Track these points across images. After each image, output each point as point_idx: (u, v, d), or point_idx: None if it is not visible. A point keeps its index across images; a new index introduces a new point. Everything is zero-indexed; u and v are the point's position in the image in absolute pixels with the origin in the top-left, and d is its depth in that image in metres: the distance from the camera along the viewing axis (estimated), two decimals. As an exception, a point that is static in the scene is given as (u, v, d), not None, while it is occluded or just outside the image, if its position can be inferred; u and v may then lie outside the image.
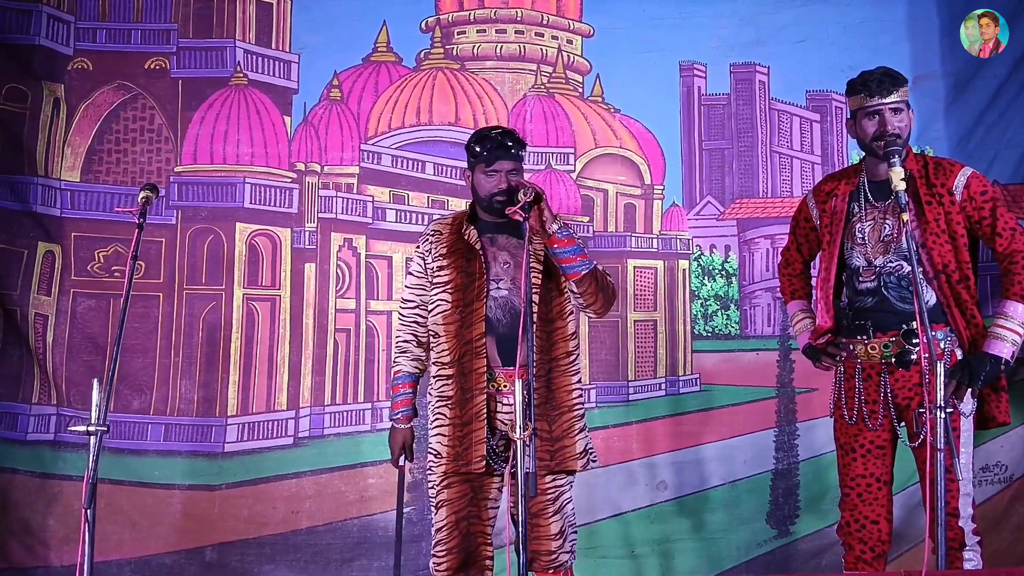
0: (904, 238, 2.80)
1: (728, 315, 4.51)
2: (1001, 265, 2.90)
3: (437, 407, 2.94)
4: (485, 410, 2.87)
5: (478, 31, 4.69)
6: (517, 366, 2.56)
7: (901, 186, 2.80)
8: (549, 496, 2.89)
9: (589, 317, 3.16)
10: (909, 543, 4.23)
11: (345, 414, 4.45)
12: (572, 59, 4.68)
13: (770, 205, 4.58)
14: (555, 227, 2.86)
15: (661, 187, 4.63)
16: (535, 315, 2.89)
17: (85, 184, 4.47)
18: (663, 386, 4.48)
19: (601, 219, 4.59)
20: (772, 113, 4.61)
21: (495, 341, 2.89)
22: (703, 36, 4.58)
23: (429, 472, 2.97)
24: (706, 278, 4.54)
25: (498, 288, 2.91)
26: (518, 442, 2.53)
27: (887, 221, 2.91)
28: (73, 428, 3.53)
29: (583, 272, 2.93)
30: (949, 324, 2.87)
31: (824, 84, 4.58)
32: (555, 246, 2.88)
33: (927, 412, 2.79)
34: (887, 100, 2.90)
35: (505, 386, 2.89)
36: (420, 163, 4.58)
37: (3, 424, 4.23)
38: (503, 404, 2.91)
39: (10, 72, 4.38)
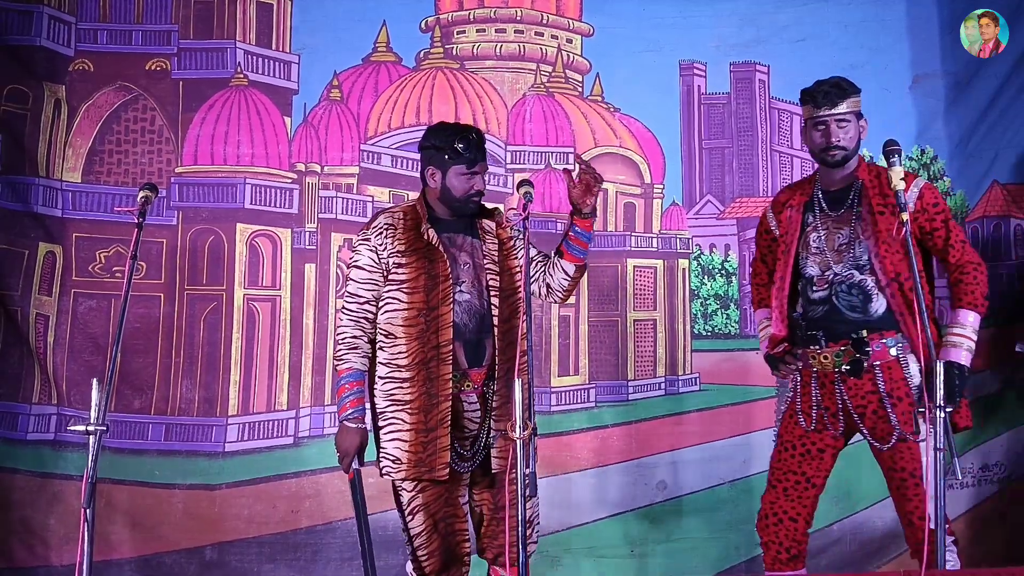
0: (905, 237, 2.82)
1: (728, 314, 4.51)
2: (951, 276, 2.94)
3: (391, 411, 2.84)
4: (450, 417, 2.81)
5: (478, 30, 4.69)
6: (517, 364, 2.60)
7: (900, 186, 2.85)
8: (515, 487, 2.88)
9: (553, 302, 3.15)
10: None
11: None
12: (572, 58, 4.69)
13: (770, 204, 4.58)
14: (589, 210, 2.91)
15: (661, 186, 4.63)
16: (495, 317, 2.87)
17: (86, 185, 4.48)
18: (663, 385, 4.48)
19: (601, 218, 4.59)
20: (772, 112, 4.61)
21: (462, 346, 2.84)
22: (703, 35, 4.58)
23: (386, 476, 2.90)
24: (706, 277, 4.54)
25: (461, 292, 2.86)
26: (518, 442, 2.53)
27: (841, 230, 2.94)
28: (72, 428, 3.54)
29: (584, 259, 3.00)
30: (901, 331, 2.89)
31: (824, 83, 4.58)
32: (585, 228, 2.92)
33: (926, 412, 2.81)
34: (833, 112, 2.93)
35: (468, 386, 2.86)
36: (419, 163, 4.57)
37: (3, 424, 4.24)
38: (467, 404, 2.89)
39: (11, 73, 4.39)
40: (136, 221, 2.98)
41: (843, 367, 2.91)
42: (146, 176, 4.47)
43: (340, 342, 2.89)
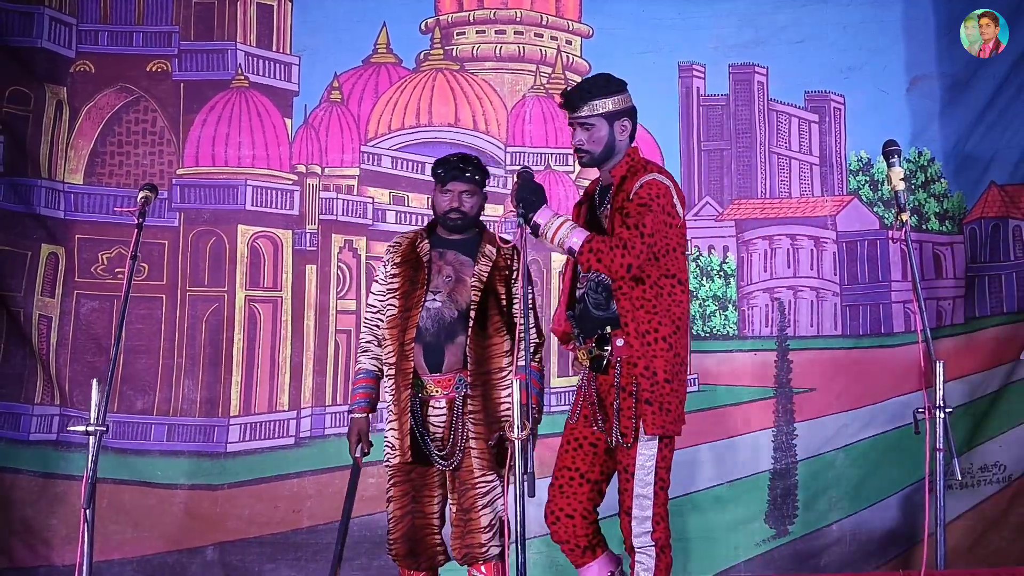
0: (904, 238, 2.85)
1: (726, 315, 4.52)
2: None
3: (389, 405, 3.17)
4: (410, 405, 3.08)
5: (477, 32, 4.70)
6: (514, 369, 2.70)
7: (900, 186, 2.91)
8: (479, 491, 3.06)
9: None
10: (909, 543, 4.24)
11: (346, 414, 4.46)
12: (571, 60, 4.70)
13: (768, 206, 4.58)
14: None
15: (660, 187, 4.63)
16: (470, 328, 3.07)
17: (88, 186, 4.50)
18: (662, 386, 4.48)
19: (600, 220, 4.60)
20: (771, 114, 4.61)
21: (422, 349, 3.09)
22: (702, 37, 4.59)
23: (385, 464, 3.16)
24: (704, 279, 4.54)
25: (433, 299, 3.10)
26: (516, 442, 2.59)
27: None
28: (72, 428, 3.56)
29: None
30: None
31: (823, 85, 4.58)
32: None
33: (926, 414, 2.83)
34: (575, 115, 2.88)
35: (436, 391, 3.10)
36: (420, 164, 4.59)
37: (7, 424, 4.27)
38: (435, 408, 3.11)
39: (13, 75, 4.41)
40: (136, 221, 3.01)
41: (591, 362, 2.88)
42: (147, 177, 4.48)
43: (359, 346, 3.31)
